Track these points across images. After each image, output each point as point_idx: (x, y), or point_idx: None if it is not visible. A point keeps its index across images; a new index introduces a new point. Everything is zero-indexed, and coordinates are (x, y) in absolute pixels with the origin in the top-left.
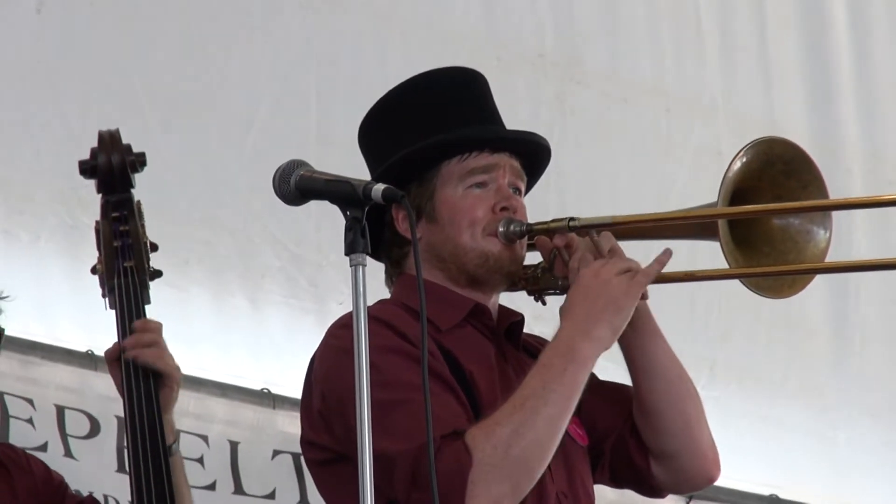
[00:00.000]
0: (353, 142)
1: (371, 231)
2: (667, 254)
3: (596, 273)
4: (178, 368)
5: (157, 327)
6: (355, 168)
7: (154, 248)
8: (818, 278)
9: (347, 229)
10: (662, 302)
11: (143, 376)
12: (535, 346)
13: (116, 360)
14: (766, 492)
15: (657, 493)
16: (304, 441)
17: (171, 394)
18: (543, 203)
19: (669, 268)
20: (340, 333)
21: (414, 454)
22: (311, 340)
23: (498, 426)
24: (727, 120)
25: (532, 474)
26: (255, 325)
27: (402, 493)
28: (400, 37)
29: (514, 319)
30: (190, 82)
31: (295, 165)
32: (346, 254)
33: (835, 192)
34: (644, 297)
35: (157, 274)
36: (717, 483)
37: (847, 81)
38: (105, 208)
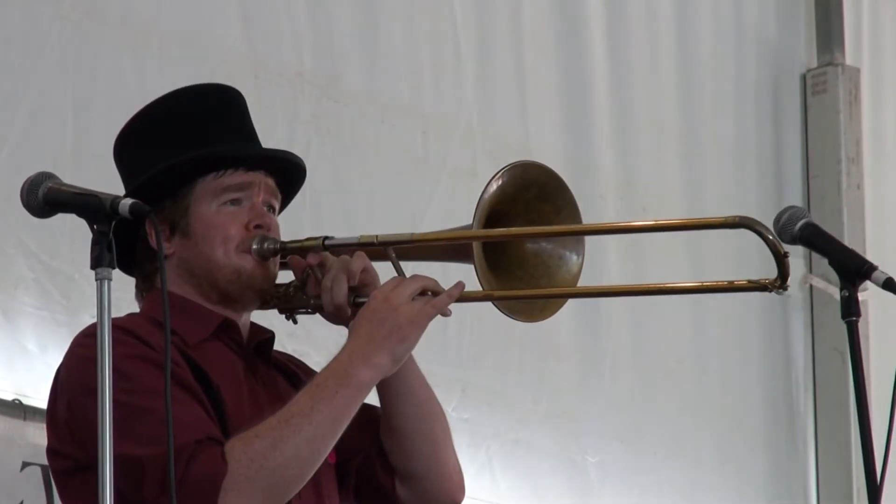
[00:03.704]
0: (110, 156)
1: (125, 246)
2: (459, 286)
3: (386, 297)
4: None
5: None
6: (112, 182)
7: None
8: (570, 304)
9: (94, 243)
10: None
11: None
12: (285, 364)
13: None
14: None
15: None
16: (50, 450)
17: None
18: (298, 221)
19: None
20: (87, 342)
21: (166, 458)
22: (63, 352)
23: (257, 438)
24: (483, 143)
25: (286, 491)
26: (7, 335)
27: (151, 498)
28: (158, 51)
29: (264, 336)
30: None
31: (43, 177)
32: (92, 268)
33: (588, 218)
34: (445, 314)
35: None
36: None
37: (602, 108)
38: None
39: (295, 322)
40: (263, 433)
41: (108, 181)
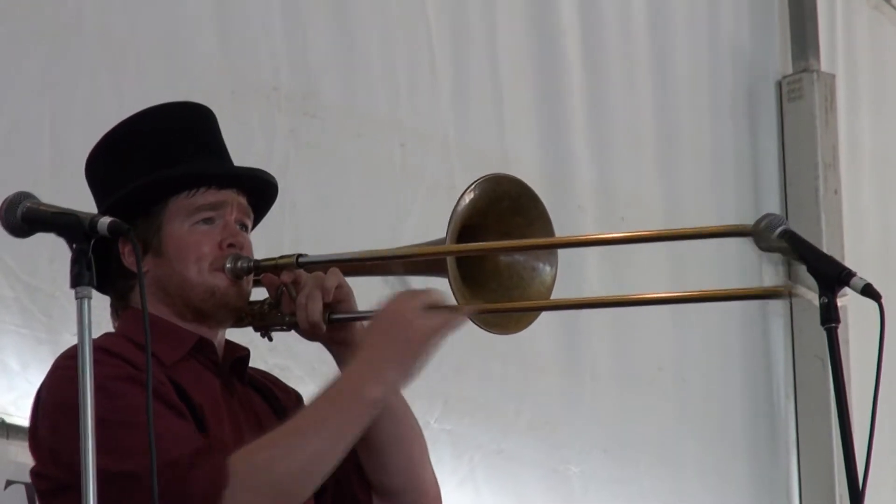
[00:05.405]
0: None
1: (99, 264)
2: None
3: (398, 311)
4: None
5: None
6: (90, 199)
7: None
8: (551, 315)
9: (73, 262)
10: None
11: None
12: (261, 381)
13: None
14: None
15: None
16: (33, 472)
17: None
18: (277, 235)
19: None
20: (69, 364)
21: (161, 468)
22: (44, 370)
23: (261, 449)
24: (461, 155)
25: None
26: None
27: None
28: (136, 68)
29: (239, 354)
30: None
31: (21, 197)
32: (72, 286)
33: (567, 229)
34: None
35: None
36: None
37: (579, 119)
38: None
39: (270, 339)
40: (268, 444)
41: (86, 198)
